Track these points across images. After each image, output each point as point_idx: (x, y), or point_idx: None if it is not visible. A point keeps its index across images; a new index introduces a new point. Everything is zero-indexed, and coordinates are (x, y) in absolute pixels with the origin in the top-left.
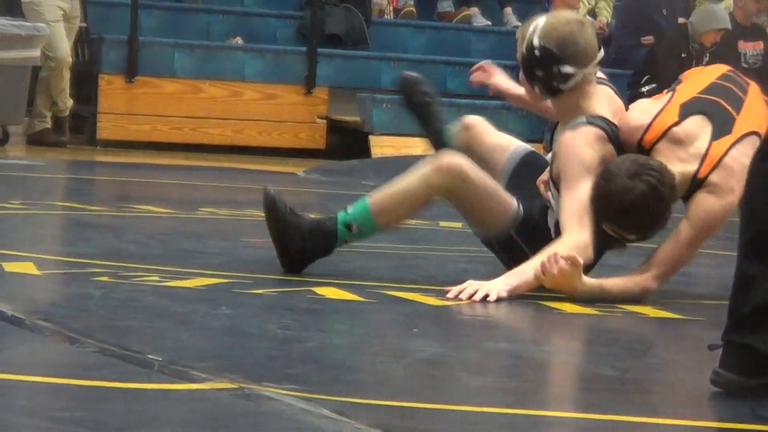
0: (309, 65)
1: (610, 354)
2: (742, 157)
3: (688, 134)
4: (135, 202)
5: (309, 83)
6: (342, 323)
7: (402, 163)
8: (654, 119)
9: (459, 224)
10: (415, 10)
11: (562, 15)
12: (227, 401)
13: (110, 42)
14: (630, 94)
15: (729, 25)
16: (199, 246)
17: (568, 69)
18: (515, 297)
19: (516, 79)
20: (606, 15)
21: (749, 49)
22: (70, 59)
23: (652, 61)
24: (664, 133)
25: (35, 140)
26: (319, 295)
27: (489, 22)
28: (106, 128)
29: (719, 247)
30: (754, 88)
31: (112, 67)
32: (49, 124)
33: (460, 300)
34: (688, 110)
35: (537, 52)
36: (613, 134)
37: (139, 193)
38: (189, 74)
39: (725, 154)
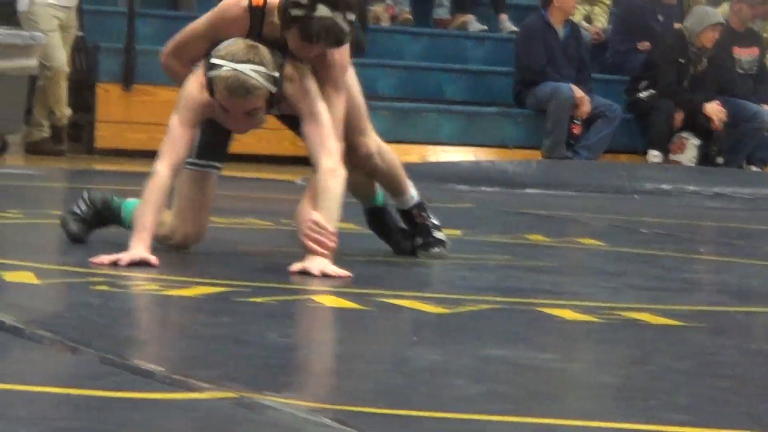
0: None
1: (609, 361)
2: None
3: None
4: None
5: None
6: (341, 331)
7: None
8: None
9: (458, 232)
10: (411, 17)
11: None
12: (227, 410)
13: (107, 50)
14: (628, 101)
15: (722, 20)
16: (198, 255)
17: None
18: (514, 304)
19: (515, 85)
20: (602, 21)
21: (745, 55)
22: (67, 68)
23: (650, 67)
24: None
25: (33, 149)
26: (318, 303)
27: (485, 27)
28: (104, 137)
29: (718, 253)
30: None
31: (109, 75)
32: (47, 134)
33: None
34: None
35: None
36: None
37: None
38: None
39: None
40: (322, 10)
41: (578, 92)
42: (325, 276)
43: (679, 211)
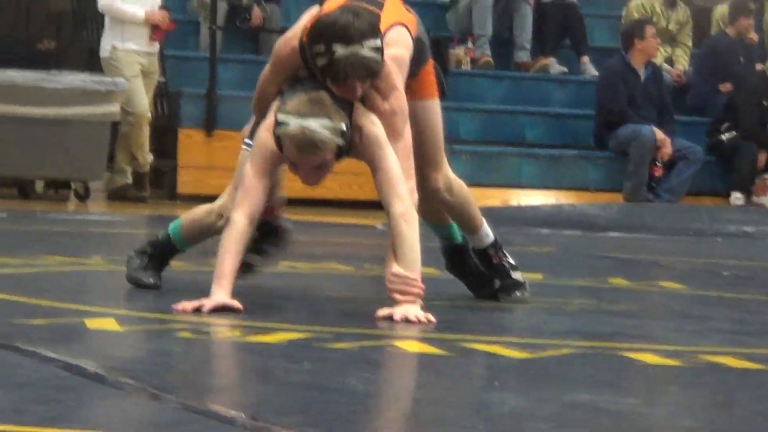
0: None
1: (692, 405)
2: (389, 47)
3: None
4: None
5: None
6: (423, 377)
7: None
8: (308, 22)
9: (540, 275)
10: (492, 61)
11: None
12: None
13: (189, 96)
14: (709, 142)
15: None
16: (280, 301)
17: None
18: (596, 348)
19: (596, 128)
20: (683, 63)
21: None
22: (149, 114)
23: (732, 109)
24: None
25: (116, 196)
26: (399, 348)
27: (566, 70)
28: (186, 182)
29: None
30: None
31: (191, 121)
32: (129, 180)
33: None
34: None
35: None
36: None
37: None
38: None
39: None
40: (340, 50)
41: (660, 134)
42: (410, 322)
43: (761, 253)
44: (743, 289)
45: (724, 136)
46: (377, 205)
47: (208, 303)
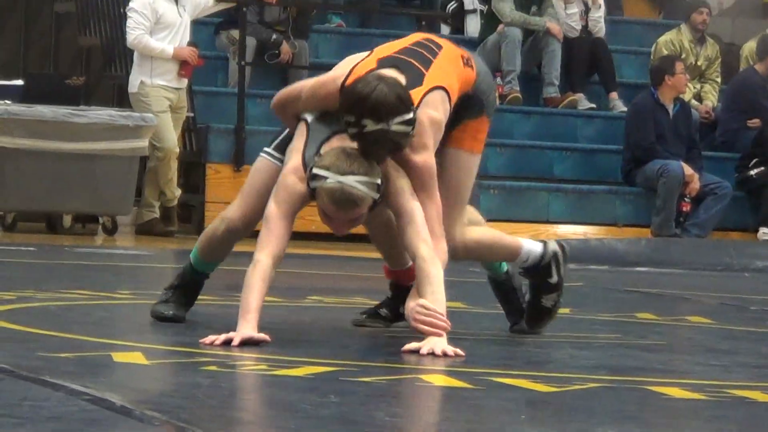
0: None
1: None
2: (428, 108)
3: None
4: (239, 291)
5: None
6: (450, 411)
7: None
8: (354, 66)
9: (567, 310)
10: (520, 96)
11: None
12: None
13: (217, 131)
14: (738, 178)
15: None
16: (307, 334)
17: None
18: (622, 382)
19: (625, 163)
20: (712, 99)
21: None
22: (177, 149)
23: (760, 144)
24: None
25: (144, 230)
26: (426, 382)
27: (594, 106)
28: (214, 217)
29: None
30: (447, 49)
31: (220, 156)
32: (157, 214)
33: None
34: (383, 63)
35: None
36: None
37: None
38: None
39: (417, 105)
40: (370, 125)
41: (688, 170)
42: (437, 356)
43: None
44: None
45: (753, 172)
46: None
47: (236, 336)
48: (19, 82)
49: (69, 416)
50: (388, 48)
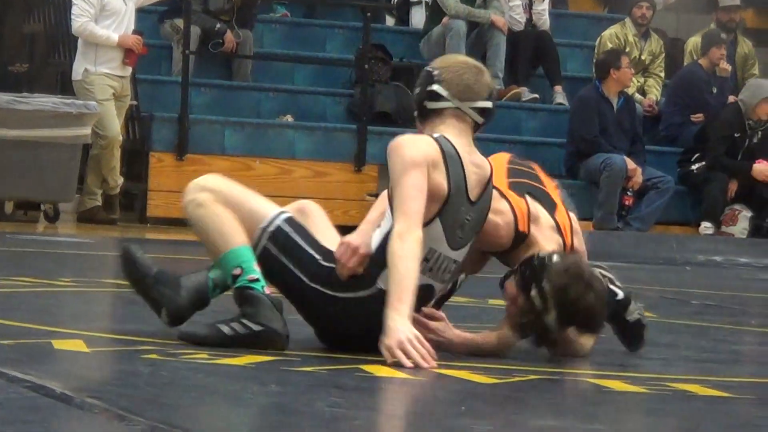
0: (359, 143)
1: None
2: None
3: (538, 213)
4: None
5: (359, 161)
6: (390, 401)
7: None
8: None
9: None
10: None
11: (462, 59)
12: None
13: (160, 120)
14: (680, 172)
15: None
16: None
17: (439, 89)
18: (563, 374)
19: (567, 156)
20: (655, 93)
21: None
22: (120, 137)
23: (703, 139)
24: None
25: (86, 218)
26: (367, 372)
27: (537, 96)
28: (157, 206)
29: (767, 326)
30: (535, 165)
31: (163, 144)
32: (99, 202)
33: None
34: (519, 192)
35: (423, 74)
36: (447, 150)
37: (188, 270)
38: (239, 152)
39: (571, 221)
40: (551, 319)
41: (631, 164)
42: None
43: (730, 282)
44: (711, 318)
45: (695, 167)
46: (347, 230)
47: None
48: None
49: (9, 403)
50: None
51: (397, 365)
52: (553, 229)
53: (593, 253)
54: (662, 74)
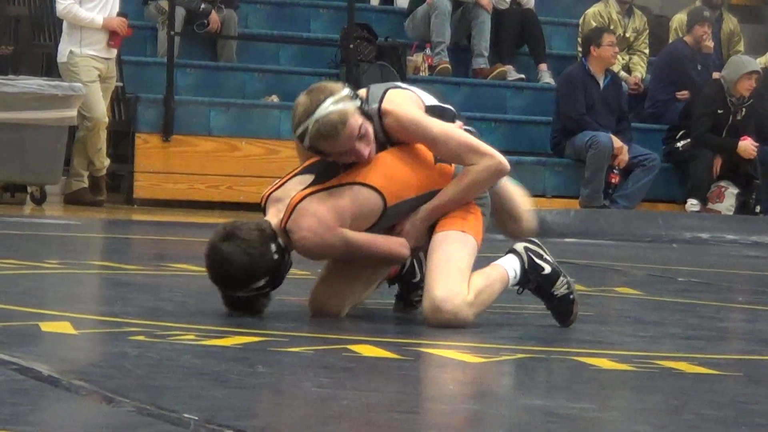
0: None
1: (645, 410)
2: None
3: None
4: (171, 261)
5: None
6: (378, 381)
7: None
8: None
9: None
10: (450, 67)
11: None
12: None
13: (146, 101)
14: (666, 150)
15: (758, 68)
16: None
17: None
18: (551, 353)
19: (553, 135)
20: (640, 70)
21: None
22: (106, 119)
23: (688, 116)
24: None
25: (72, 200)
26: (355, 352)
27: (523, 77)
28: (143, 187)
29: (756, 302)
30: None
31: (149, 126)
32: (85, 184)
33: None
34: None
35: None
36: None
37: (175, 251)
38: (225, 133)
39: None
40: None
41: (617, 142)
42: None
43: (716, 260)
44: (698, 296)
45: (680, 144)
46: None
47: None
48: None
49: None
50: None
51: None
52: None
53: (580, 231)
54: (647, 51)
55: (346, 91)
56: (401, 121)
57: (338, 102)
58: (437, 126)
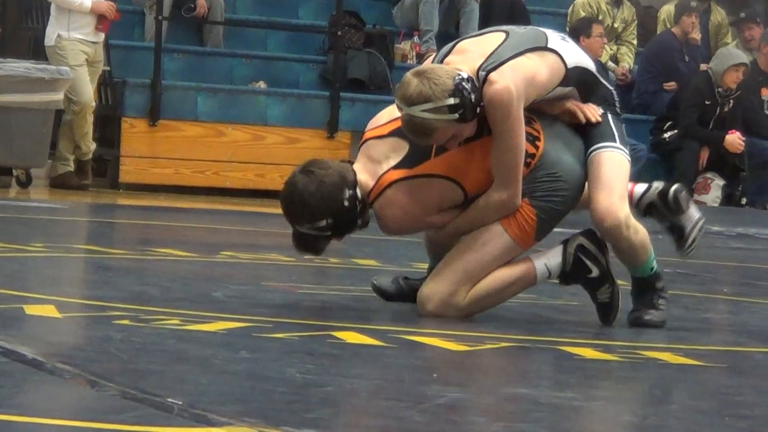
0: (332, 109)
1: (629, 400)
2: None
3: None
4: (157, 246)
5: (331, 127)
6: (362, 368)
7: None
8: None
9: None
10: None
11: None
12: None
13: (133, 86)
14: (653, 140)
15: (746, 60)
16: (220, 290)
17: None
18: (534, 342)
19: None
20: (628, 61)
21: None
22: (93, 103)
23: (675, 107)
24: None
25: (58, 183)
26: (339, 339)
27: None
28: (129, 171)
29: (740, 294)
30: None
31: (135, 110)
32: (71, 168)
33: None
34: None
35: None
36: None
37: (160, 236)
38: (211, 118)
39: None
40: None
41: None
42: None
43: (701, 251)
44: (682, 286)
45: (667, 135)
46: None
47: None
48: None
49: None
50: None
51: None
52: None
53: (567, 220)
54: (635, 42)
55: (450, 100)
56: (493, 103)
57: (433, 111)
58: (514, 136)
